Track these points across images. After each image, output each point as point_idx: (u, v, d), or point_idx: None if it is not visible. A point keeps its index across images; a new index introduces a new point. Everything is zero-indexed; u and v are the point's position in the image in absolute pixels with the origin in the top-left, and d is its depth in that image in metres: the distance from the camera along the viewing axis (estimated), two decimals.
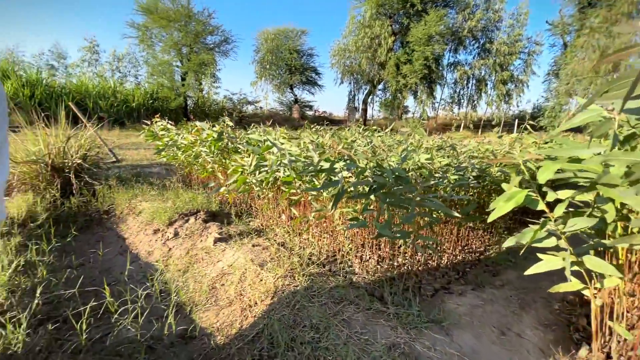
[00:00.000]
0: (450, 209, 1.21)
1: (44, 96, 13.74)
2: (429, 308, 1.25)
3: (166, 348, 1.16)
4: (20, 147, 2.84)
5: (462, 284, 1.50)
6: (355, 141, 2.14)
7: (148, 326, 1.25)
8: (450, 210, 1.15)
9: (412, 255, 1.65)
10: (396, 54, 17.79)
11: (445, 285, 1.47)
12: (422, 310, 1.18)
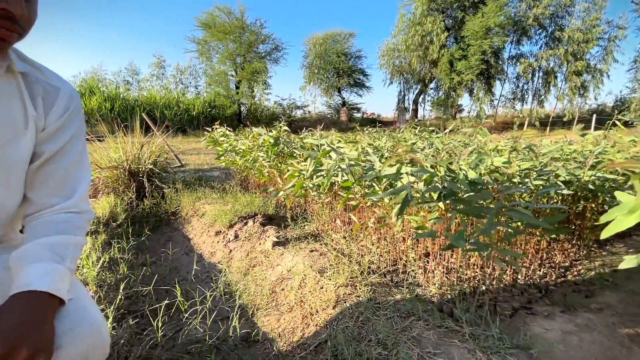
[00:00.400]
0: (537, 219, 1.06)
1: (121, 108, 15.55)
2: (509, 330, 1.11)
3: (230, 350, 1.19)
4: (104, 154, 3.20)
5: (547, 304, 1.31)
6: (415, 143, 2.02)
7: (214, 327, 1.29)
8: (539, 221, 1.01)
9: (483, 268, 1.50)
10: (449, 50, 16.86)
11: (526, 305, 1.30)
12: (503, 332, 1.05)
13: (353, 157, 1.65)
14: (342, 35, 24.48)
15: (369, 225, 1.66)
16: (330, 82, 24.70)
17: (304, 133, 3.50)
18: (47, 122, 0.65)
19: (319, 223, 2.17)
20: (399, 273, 1.53)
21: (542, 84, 17.24)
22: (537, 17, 15.75)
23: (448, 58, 16.52)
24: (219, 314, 1.37)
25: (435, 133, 3.11)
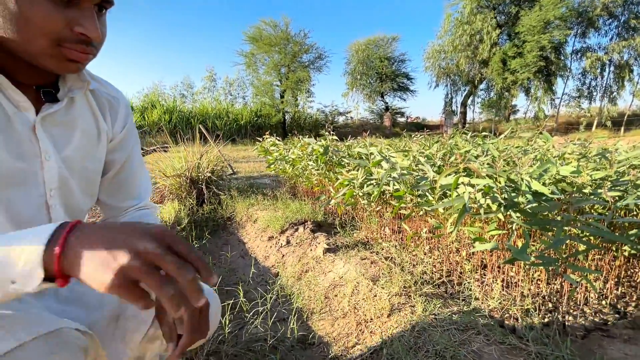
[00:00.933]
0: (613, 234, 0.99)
1: (178, 120, 16.92)
2: (583, 353, 1.03)
3: (288, 350, 1.25)
4: (169, 163, 3.54)
5: (628, 327, 1.19)
6: (469, 151, 1.96)
7: (273, 327, 1.37)
8: (616, 235, 0.94)
9: (549, 284, 1.40)
10: (502, 48, 15.86)
11: (602, 327, 1.20)
12: (575, 354, 0.98)
13: (404, 166, 1.66)
14: (384, 39, 24.27)
15: (422, 235, 1.64)
16: (373, 88, 24.55)
17: (350, 141, 3.55)
18: (114, 133, 0.71)
19: (367, 231, 2.19)
20: (454, 285, 1.49)
21: (614, 79, 15.43)
22: (606, 5, 14.20)
23: (500, 56, 15.54)
24: (277, 315, 1.45)
25: (489, 138, 2.96)
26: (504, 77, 15.46)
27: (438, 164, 1.88)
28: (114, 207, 0.77)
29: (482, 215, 1.17)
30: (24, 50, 0.48)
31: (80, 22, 0.49)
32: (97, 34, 0.50)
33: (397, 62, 24.90)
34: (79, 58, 0.51)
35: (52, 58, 0.50)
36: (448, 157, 2.01)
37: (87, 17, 0.49)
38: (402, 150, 2.06)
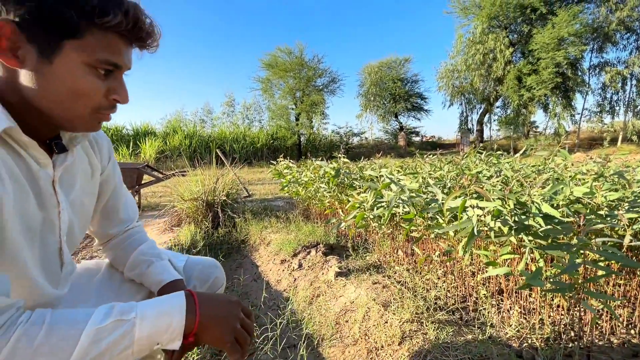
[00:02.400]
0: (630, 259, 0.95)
1: (197, 144, 17.48)
2: None
3: None
4: (187, 187, 3.66)
5: None
6: (481, 172, 1.94)
7: (282, 354, 1.36)
8: (633, 261, 0.90)
9: (570, 311, 1.33)
10: (516, 65, 15.80)
11: (630, 358, 1.12)
12: None
13: (414, 189, 1.66)
14: (397, 61, 24.71)
15: (434, 259, 1.61)
16: (386, 108, 24.78)
17: (363, 162, 3.57)
18: (102, 167, 0.75)
19: (380, 254, 2.16)
20: (468, 311, 1.44)
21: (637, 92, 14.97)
22: (622, 20, 14.03)
23: (515, 74, 15.45)
24: (287, 341, 1.44)
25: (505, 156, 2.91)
26: (520, 94, 15.29)
27: (449, 185, 1.87)
28: (105, 235, 0.83)
29: (493, 239, 1.15)
30: (61, 116, 0.54)
31: (116, 90, 0.56)
32: (128, 100, 0.58)
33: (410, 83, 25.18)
34: (107, 120, 0.58)
35: (87, 122, 0.56)
36: (459, 178, 2.00)
37: (120, 86, 0.57)
38: (411, 172, 2.07)
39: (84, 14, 0.48)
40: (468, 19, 17.43)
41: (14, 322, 0.44)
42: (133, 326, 0.50)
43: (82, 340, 0.46)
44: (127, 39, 0.54)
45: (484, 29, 16.26)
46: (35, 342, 0.43)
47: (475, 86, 18.10)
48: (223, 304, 0.61)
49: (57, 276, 0.63)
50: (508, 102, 17.55)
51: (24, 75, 0.49)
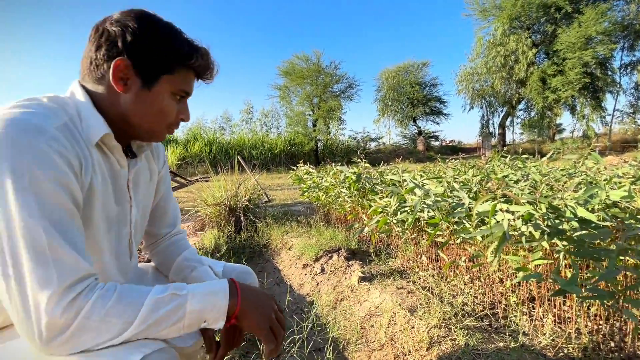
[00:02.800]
0: None
1: (217, 151, 17.90)
2: None
3: None
4: (210, 192, 3.76)
5: None
6: (507, 176, 1.90)
7: (309, 357, 1.37)
8: None
9: (609, 320, 1.27)
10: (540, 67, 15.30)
11: None
12: None
13: (439, 193, 1.64)
14: (414, 65, 24.52)
15: (460, 264, 1.58)
16: (404, 113, 24.54)
17: (383, 167, 3.56)
18: (159, 170, 0.86)
19: (403, 259, 2.14)
20: (498, 318, 1.40)
21: None
22: None
23: (539, 75, 14.96)
24: (313, 345, 1.44)
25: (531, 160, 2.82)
26: (545, 96, 14.77)
27: (474, 189, 1.84)
28: (154, 235, 0.92)
29: (524, 244, 1.12)
30: (145, 129, 0.68)
31: (183, 111, 0.71)
32: (189, 119, 0.73)
33: (428, 87, 24.88)
34: (171, 134, 0.74)
35: (161, 135, 0.71)
36: (485, 182, 1.96)
37: (185, 107, 0.72)
38: (435, 176, 2.05)
39: (177, 57, 0.65)
40: (488, 21, 17.10)
41: (93, 287, 0.53)
42: (185, 300, 0.57)
43: (144, 307, 0.53)
44: (197, 73, 0.70)
45: (505, 31, 15.88)
46: (108, 305, 0.51)
47: (496, 89, 17.64)
48: (261, 294, 0.68)
49: (126, 266, 0.74)
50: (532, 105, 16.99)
51: (125, 98, 0.64)
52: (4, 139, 0.48)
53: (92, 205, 0.60)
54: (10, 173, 0.47)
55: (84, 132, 0.60)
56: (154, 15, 0.65)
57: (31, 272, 0.47)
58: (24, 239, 0.47)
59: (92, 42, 0.62)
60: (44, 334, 0.47)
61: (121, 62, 0.60)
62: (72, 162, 0.54)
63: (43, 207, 0.49)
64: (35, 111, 0.53)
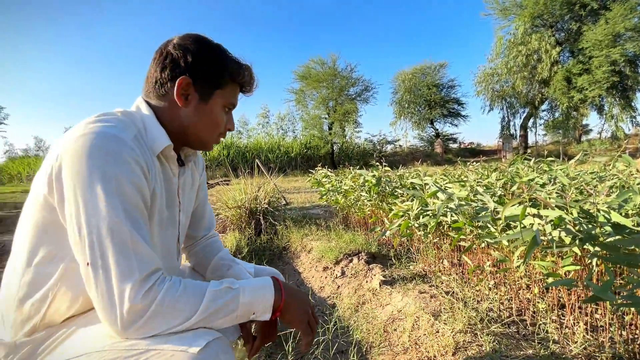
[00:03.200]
0: None
1: (234, 154, 18.24)
2: None
3: None
4: (230, 195, 3.84)
5: None
6: (533, 179, 1.86)
7: (333, 358, 1.38)
8: None
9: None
10: (565, 66, 14.78)
11: None
12: None
13: (462, 197, 1.63)
14: (431, 67, 24.20)
15: (485, 269, 1.56)
16: (421, 115, 24.23)
17: (402, 170, 3.54)
18: (198, 176, 0.91)
19: (425, 263, 2.13)
20: (526, 325, 1.37)
21: None
22: None
23: (564, 75, 14.44)
24: (337, 347, 1.46)
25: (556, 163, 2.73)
26: (570, 96, 14.23)
27: (498, 193, 1.81)
28: (192, 237, 0.98)
29: (554, 249, 1.10)
30: (199, 139, 0.75)
31: (229, 122, 0.79)
32: (234, 128, 0.81)
33: (446, 88, 24.49)
34: (218, 143, 0.81)
35: (211, 145, 0.78)
36: (509, 186, 1.92)
37: (231, 118, 0.80)
38: (458, 180, 2.02)
39: (228, 74, 0.73)
40: (508, 20, 16.69)
41: (163, 279, 0.59)
42: (238, 293, 0.63)
43: (205, 297, 0.59)
44: (242, 88, 0.78)
45: (527, 29, 15.45)
46: (177, 293, 0.58)
47: (517, 89, 17.14)
48: (299, 292, 0.74)
49: (173, 264, 0.81)
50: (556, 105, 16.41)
51: (185, 111, 0.72)
52: (96, 149, 0.55)
53: (153, 208, 0.67)
54: (102, 178, 0.55)
55: (149, 143, 0.67)
56: (207, 38, 0.74)
57: (116, 264, 0.54)
58: (111, 235, 0.54)
59: (157, 64, 0.70)
60: (126, 318, 0.53)
61: (183, 80, 0.68)
62: (144, 169, 0.61)
63: (125, 208, 0.56)
64: (114, 125, 0.60)
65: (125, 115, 0.66)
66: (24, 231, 0.63)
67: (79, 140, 0.56)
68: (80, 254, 0.55)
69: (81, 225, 0.55)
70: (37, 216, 0.61)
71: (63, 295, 0.62)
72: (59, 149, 0.57)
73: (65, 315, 0.64)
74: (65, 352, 0.59)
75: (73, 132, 0.58)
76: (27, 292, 0.61)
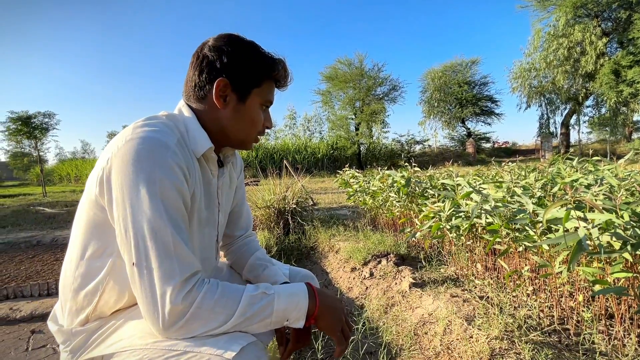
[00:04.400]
0: None
1: (262, 156, 18.61)
2: None
3: None
4: (260, 195, 3.94)
5: None
6: (577, 180, 1.74)
7: (362, 359, 1.38)
8: None
9: None
10: (613, 58, 13.67)
11: None
12: None
13: (498, 198, 1.57)
14: (462, 64, 23.33)
15: (523, 274, 1.49)
16: (452, 114, 23.42)
17: (432, 171, 3.45)
18: (236, 177, 0.93)
19: (457, 266, 2.06)
20: (569, 334, 1.29)
21: None
22: None
23: (611, 67, 13.36)
24: (366, 348, 1.45)
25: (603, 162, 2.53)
26: (619, 90, 13.13)
27: (537, 195, 1.72)
28: (229, 236, 1.00)
29: (602, 255, 1.03)
30: (239, 138, 0.76)
31: (267, 120, 0.79)
32: (272, 126, 0.81)
33: (478, 86, 23.50)
34: (258, 142, 0.81)
35: (250, 144, 0.78)
36: (549, 187, 1.82)
37: (269, 116, 0.80)
38: (493, 180, 1.94)
39: (264, 71, 0.72)
40: (548, 11, 15.71)
41: (202, 282, 0.60)
42: (273, 299, 0.63)
43: (241, 302, 0.60)
44: (277, 83, 0.77)
45: (568, 20, 14.46)
46: (215, 297, 0.58)
47: (558, 85, 16.08)
48: (334, 299, 0.73)
49: (212, 264, 0.83)
50: (602, 101, 15.21)
51: (224, 112, 0.72)
52: (142, 153, 0.58)
53: (193, 209, 0.68)
54: (146, 181, 0.57)
55: (191, 145, 0.69)
56: (240, 36, 0.74)
57: (159, 265, 0.56)
58: (155, 237, 0.56)
59: (195, 67, 0.71)
60: (167, 319, 0.55)
61: (221, 82, 0.69)
62: (185, 172, 0.63)
63: (168, 211, 0.58)
64: (159, 129, 0.62)
65: (169, 118, 0.68)
66: (78, 226, 0.67)
67: (127, 145, 0.58)
68: (127, 253, 0.57)
69: (128, 226, 0.57)
70: (90, 214, 0.64)
71: (112, 289, 0.65)
72: (109, 152, 0.60)
73: (113, 308, 0.68)
74: (113, 345, 0.62)
75: (122, 136, 0.61)
76: (81, 283, 0.65)
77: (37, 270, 2.74)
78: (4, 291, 2.21)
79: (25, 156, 19.14)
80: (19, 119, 10.91)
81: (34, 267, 2.82)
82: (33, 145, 12.03)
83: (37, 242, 3.83)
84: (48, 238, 3.98)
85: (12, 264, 2.94)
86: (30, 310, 1.99)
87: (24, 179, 25.77)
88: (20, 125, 10.98)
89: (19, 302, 2.11)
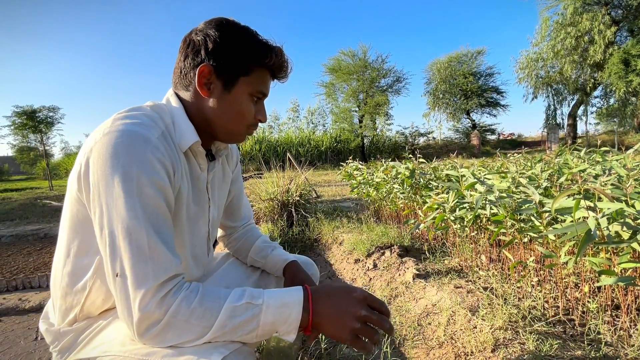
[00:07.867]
0: None
1: (266, 149, 18.60)
2: None
3: None
4: (263, 188, 3.94)
5: None
6: (585, 170, 1.72)
7: None
8: None
9: None
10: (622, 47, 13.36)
11: None
12: None
13: (503, 189, 1.55)
14: (468, 54, 22.96)
15: (528, 265, 1.48)
16: (457, 105, 23.15)
17: (435, 162, 3.42)
18: (232, 171, 0.90)
19: (460, 258, 2.05)
20: (574, 325, 1.29)
21: None
22: None
23: (620, 57, 13.06)
24: None
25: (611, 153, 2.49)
26: (628, 80, 12.87)
27: (543, 185, 1.70)
28: (230, 227, 1.00)
29: (609, 245, 1.02)
30: (226, 131, 0.71)
31: (260, 112, 0.73)
32: (266, 120, 0.75)
33: (483, 77, 23.16)
34: (251, 135, 0.75)
35: (240, 136, 0.72)
36: (555, 178, 1.79)
37: (262, 109, 0.74)
38: (498, 171, 1.92)
39: (253, 57, 0.66)
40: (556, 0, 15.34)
41: (181, 286, 0.56)
42: (260, 312, 0.56)
43: (221, 314, 0.54)
44: (272, 73, 0.71)
45: (577, 9, 14.12)
46: (191, 306, 0.54)
47: (565, 75, 15.78)
48: (340, 303, 0.60)
49: (204, 260, 0.81)
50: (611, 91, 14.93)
51: (209, 102, 0.67)
52: (120, 148, 0.54)
53: (180, 206, 0.65)
54: (123, 178, 0.53)
55: (177, 139, 0.65)
56: (232, 20, 0.68)
57: (131, 269, 0.52)
58: (128, 237, 0.52)
59: (181, 52, 0.67)
60: (139, 325, 0.52)
61: (205, 67, 0.64)
62: (168, 168, 0.59)
63: (145, 210, 0.54)
64: (141, 122, 0.58)
65: (154, 109, 0.64)
66: (63, 223, 0.64)
67: (104, 139, 0.54)
68: (103, 253, 0.55)
69: (103, 225, 0.53)
70: (73, 210, 0.61)
71: (98, 288, 0.63)
72: (88, 146, 0.56)
73: (101, 308, 0.65)
74: (97, 348, 0.60)
75: (101, 129, 0.57)
76: (69, 281, 0.63)
77: (45, 262, 2.78)
78: (13, 282, 2.25)
79: (31, 150, 19.32)
80: (23, 113, 10.97)
81: (41, 259, 2.86)
82: (39, 140, 12.07)
83: (45, 235, 3.88)
84: (55, 230, 4.03)
85: (20, 256, 2.99)
86: (38, 301, 2.03)
87: (30, 173, 26.08)
88: (25, 120, 11.04)
89: (28, 293, 2.15)
